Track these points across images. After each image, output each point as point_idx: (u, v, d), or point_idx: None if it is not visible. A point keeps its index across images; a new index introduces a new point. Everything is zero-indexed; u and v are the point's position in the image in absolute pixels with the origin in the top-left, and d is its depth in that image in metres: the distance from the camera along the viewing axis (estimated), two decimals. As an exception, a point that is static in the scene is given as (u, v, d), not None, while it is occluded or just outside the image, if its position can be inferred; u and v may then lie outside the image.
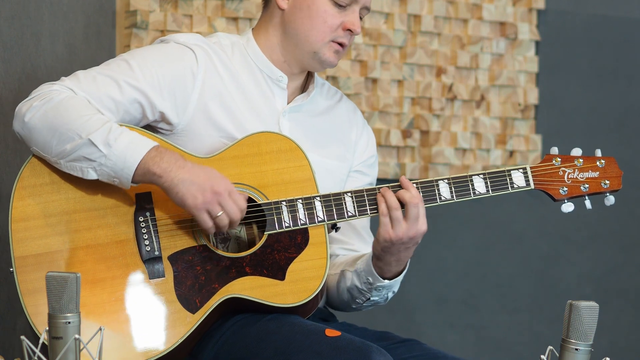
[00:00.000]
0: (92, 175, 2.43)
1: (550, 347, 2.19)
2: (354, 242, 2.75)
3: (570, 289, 4.30)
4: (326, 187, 2.59)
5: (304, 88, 2.74)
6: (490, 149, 4.15)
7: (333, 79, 3.89)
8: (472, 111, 4.13)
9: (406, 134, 4.02)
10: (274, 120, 2.65)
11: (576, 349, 2.16)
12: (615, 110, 4.39)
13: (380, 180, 2.80)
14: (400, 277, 2.61)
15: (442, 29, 4.08)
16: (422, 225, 2.51)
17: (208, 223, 2.42)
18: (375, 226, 2.82)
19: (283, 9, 2.64)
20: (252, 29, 2.72)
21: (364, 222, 2.77)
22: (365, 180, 2.79)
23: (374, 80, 3.97)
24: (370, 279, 2.59)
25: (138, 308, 2.44)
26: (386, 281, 2.59)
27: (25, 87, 2.90)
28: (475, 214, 4.18)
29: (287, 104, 2.68)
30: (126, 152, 2.40)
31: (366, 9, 2.64)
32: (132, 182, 2.42)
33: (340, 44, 2.62)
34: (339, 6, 2.61)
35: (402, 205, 2.51)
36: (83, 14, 3.37)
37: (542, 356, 2.18)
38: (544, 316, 4.26)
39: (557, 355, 2.18)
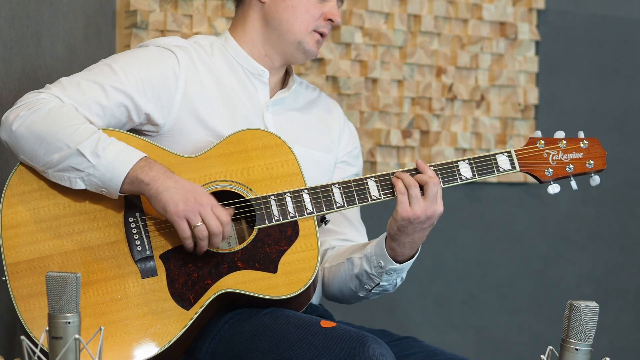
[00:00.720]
0: (80, 186, 2.44)
1: (550, 347, 2.19)
2: (346, 232, 2.77)
3: (570, 289, 4.30)
4: (314, 177, 2.61)
5: (283, 84, 2.77)
6: (490, 149, 4.14)
7: (333, 79, 3.89)
8: (472, 111, 4.13)
9: (406, 134, 4.02)
10: (258, 114, 2.68)
11: (576, 349, 2.16)
12: (615, 110, 4.39)
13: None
14: (411, 262, 2.62)
15: (442, 29, 4.08)
16: (439, 205, 2.54)
17: (186, 232, 2.41)
18: (366, 216, 2.83)
19: (263, 2, 2.68)
20: (229, 29, 2.75)
21: (355, 211, 2.79)
22: (351, 170, 2.82)
23: (374, 80, 3.97)
24: (382, 262, 2.60)
25: (132, 308, 2.44)
26: (398, 264, 2.60)
27: (25, 87, 2.89)
28: (475, 214, 4.17)
29: (270, 98, 2.71)
30: (114, 163, 2.41)
31: (341, 0, 2.72)
32: (120, 192, 2.43)
33: (321, 34, 2.69)
34: None
35: (420, 186, 2.54)
36: (83, 14, 3.37)
37: (542, 356, 2.18)
38: (544, 316, 4.26)
39: (557, 355, 2.18)
